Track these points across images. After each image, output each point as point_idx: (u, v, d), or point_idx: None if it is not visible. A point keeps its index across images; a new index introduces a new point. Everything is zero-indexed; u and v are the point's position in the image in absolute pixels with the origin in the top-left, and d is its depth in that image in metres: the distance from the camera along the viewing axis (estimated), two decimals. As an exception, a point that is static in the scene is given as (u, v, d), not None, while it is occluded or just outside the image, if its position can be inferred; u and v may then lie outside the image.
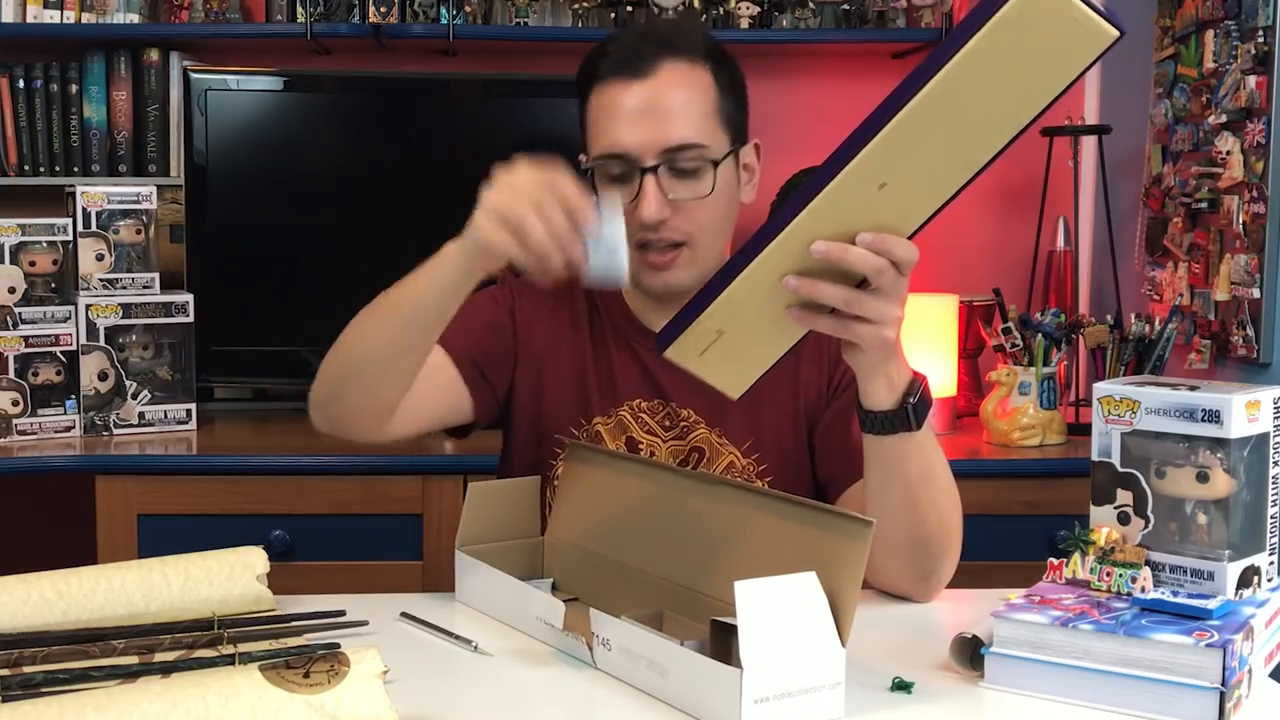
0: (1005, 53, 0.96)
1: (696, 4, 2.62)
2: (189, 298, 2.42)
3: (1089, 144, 2.70)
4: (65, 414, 2.34)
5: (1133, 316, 2.41)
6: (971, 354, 2.62)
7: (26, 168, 2.63)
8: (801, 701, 1.01)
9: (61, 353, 2.34)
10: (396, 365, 1.35)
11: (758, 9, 2.63)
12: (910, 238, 1.11)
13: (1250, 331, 2.20)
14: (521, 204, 1.15)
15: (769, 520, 1.16)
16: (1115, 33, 0.95)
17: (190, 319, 2.42)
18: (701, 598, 1.17)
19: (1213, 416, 1.12)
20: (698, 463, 1.48)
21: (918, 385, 1.25)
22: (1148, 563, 1.16)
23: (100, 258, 2.37)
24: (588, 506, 1.36)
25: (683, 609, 1.19)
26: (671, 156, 1.40)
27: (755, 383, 1.19)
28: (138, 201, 2.40)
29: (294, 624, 1.20)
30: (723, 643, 1.06)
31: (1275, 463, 1.16)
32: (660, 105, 1.40)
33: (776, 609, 1.01)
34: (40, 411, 2.33)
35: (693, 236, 1.43)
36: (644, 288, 1.47)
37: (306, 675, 0.92)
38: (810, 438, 1.49)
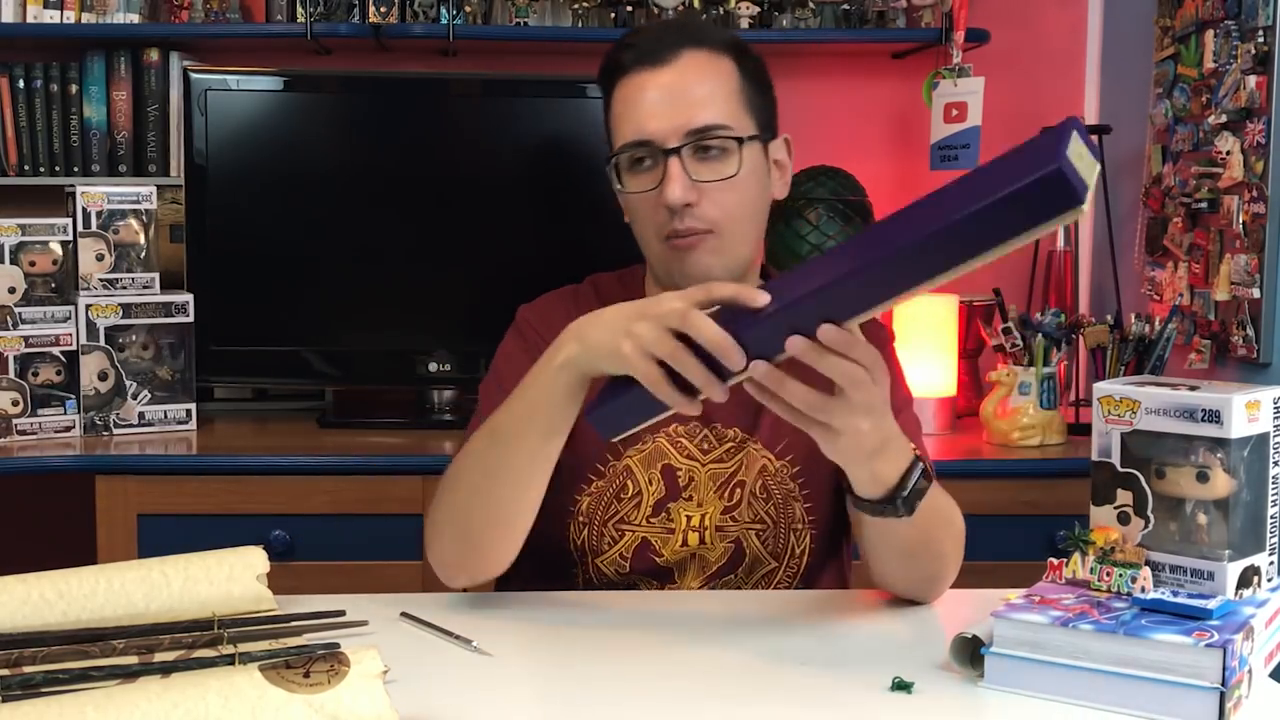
0: None
1: (696, 4, 2.62)
2: (189, 298, 2.42)
3: (1089, 144, 2.70)
4: (65, 414, 2.34)
5: (1133, 316, 2.41)
6: (971, 354, 2.62)
7: (26, 168, 2.62)
8: None
9: (61, 353, 2.34)
10: (530, 494, 1.31)
11: (758, 9, 2.63)
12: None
13: (1250, 331, 2.20)
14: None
15: None
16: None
17: (190, 319, 2.42)
18: None
19: (1213, 416, 1.12)
20: (735, 472, 1.44)
21: (914, 475, 1.17)
22: (1148, 563, 1.16)
23: (100, 258, 2.37)
24: None
25: None
26: (695, 138, 1.35)
27: None
28: (138, 201, 2.40)
29: (294, 624, 1.20)
30: None
31: (1275, 463, 1.16)
32: (682, 89, 1.36)
33: None
34: (40, 411, 2.33)
35: (720, 224, 1.37)
36: (675, 279, 1.39)
37: (306, 675, 0.92)
38: None
